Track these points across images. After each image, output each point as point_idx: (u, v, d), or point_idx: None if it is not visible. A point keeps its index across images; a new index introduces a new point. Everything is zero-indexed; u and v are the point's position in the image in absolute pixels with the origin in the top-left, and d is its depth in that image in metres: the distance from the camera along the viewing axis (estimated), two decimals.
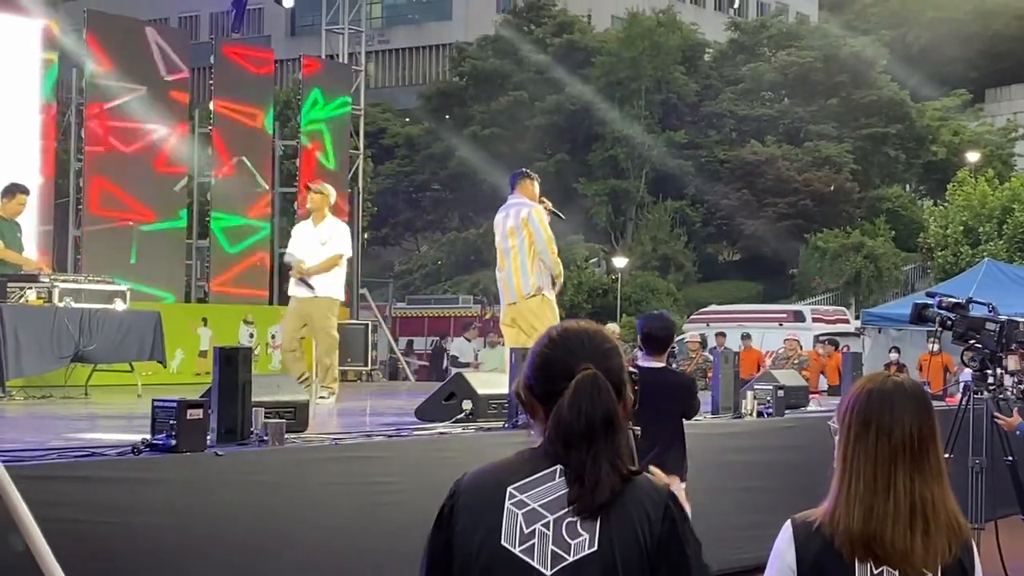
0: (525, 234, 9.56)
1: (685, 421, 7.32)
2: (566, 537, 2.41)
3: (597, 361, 2.47)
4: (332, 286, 10.67)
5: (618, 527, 2.41)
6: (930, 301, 8.08)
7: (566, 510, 2.42)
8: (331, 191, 11.13)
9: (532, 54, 46.49)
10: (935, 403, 2.87)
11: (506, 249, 9.71)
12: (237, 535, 5.74)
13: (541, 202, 9.78)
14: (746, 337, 21.98)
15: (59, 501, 4.94)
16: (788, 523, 2.72)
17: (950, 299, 8.01)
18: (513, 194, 9.81)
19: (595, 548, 2.40)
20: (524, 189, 9.77)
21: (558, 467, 2.45)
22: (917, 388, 2.72)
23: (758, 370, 17.04)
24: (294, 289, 10.64)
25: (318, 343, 10.71)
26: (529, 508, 2.43)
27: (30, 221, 12.78)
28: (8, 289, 10.19)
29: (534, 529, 2.42)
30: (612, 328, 20.02)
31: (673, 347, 10.37)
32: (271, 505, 5.91)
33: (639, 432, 2.67)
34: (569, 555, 2.40)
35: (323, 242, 10.61)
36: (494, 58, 47.96)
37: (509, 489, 2.45)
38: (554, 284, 9.68)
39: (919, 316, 8.02)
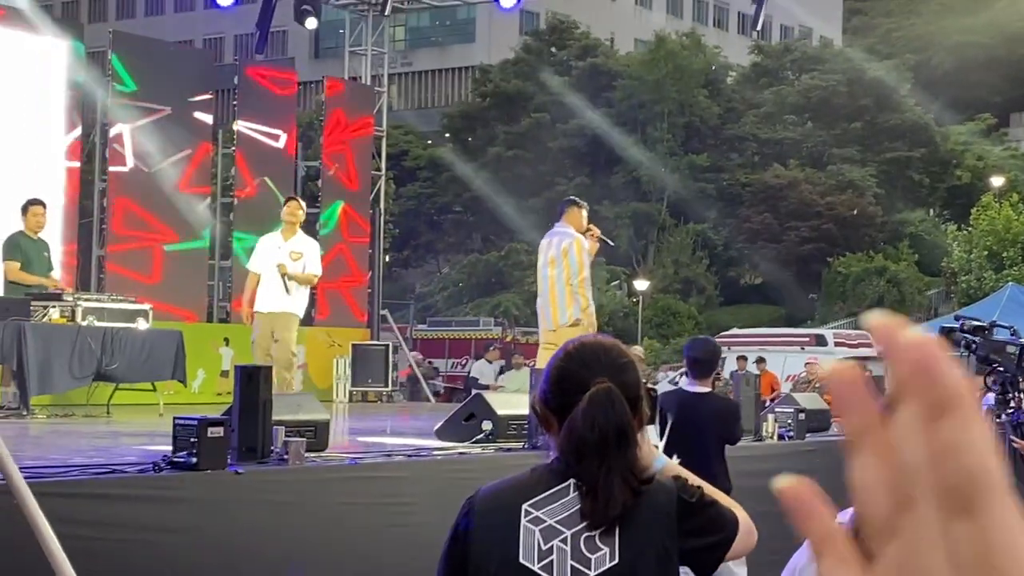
0: (564, 265, 9.56)
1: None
2: (586, 552, 2.40)
3: (612, 375, 2.47)
4: (301, 303, 10.74)
5: (638, 539, 2.40)
6: (956, 325, 8.06)
7: (582, 525, 2.41)
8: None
9: (554, 76, 46.57)
10: None
11: (544, 277, 9.72)
12: (256, 553, 5.74)
13: (588, 230, 9.75)
14: (760, 360, 21.99)
15: (79, 518, 4.95)
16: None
17: (973, 322, 7.99)
18: (560, 222, 9.76)
19: (616, 561, 2.39)
20: (571, 217, 9.71)
21: (571, 482, 2.44)
22: None
23: (771, 392, 17.00)
24: (263, 303, 10.59)
25: (277, 356, 10.56)
26: (546, 524, 2.43)
27: (55, 241, 12.85)
28: (31, 307, 10.25)
29: (552, 545, 2.42)
30: (637, 351, 19.95)
31: (718, 372, 10.34)
32: (290, 523, 5.91)
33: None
34: (590, 570, 2.40)
35: (295, 256, 10.62)
36: (516, 80, 48.07)
37: (524, 506, 2.45)
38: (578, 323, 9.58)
39: (946, 339, 8.00)
